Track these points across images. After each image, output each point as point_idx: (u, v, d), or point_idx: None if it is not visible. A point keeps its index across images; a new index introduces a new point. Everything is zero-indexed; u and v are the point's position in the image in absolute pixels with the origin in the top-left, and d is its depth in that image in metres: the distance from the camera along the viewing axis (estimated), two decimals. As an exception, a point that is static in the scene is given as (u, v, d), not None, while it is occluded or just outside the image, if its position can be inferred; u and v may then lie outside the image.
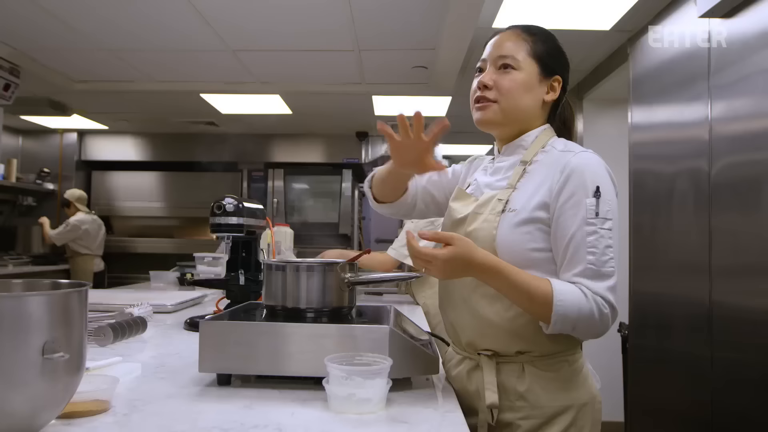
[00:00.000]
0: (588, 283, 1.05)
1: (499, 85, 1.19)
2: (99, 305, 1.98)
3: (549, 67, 1.22)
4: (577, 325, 1.04)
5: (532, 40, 1.21)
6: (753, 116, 1.93)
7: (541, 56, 1.20)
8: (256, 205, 2.01)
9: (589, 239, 1.06)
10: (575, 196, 1.09)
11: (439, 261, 1.04)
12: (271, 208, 6.00)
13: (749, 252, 1.93)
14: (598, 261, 1.05)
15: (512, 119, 1.21)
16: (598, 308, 1.03)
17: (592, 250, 1.05)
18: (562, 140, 1.22)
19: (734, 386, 1.99)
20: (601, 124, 3.74)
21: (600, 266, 1.05)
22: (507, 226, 1.13)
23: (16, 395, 0.73)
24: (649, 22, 2.74)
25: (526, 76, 1.19)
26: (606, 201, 1.08)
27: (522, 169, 1.19)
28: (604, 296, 1.04)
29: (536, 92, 1.21)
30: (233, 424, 0.89)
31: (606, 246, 1.06)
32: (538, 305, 1.05)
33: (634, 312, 2.86)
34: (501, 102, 1.19)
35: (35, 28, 3.15)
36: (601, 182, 1.09)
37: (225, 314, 1.23)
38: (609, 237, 1.07)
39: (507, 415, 1.12)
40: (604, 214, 1.07)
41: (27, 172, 5.76)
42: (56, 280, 0.89)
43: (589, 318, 1.03)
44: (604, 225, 1.07)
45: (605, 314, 1.04)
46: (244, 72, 3.86)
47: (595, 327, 1.05)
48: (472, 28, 2.79)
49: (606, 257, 1.05)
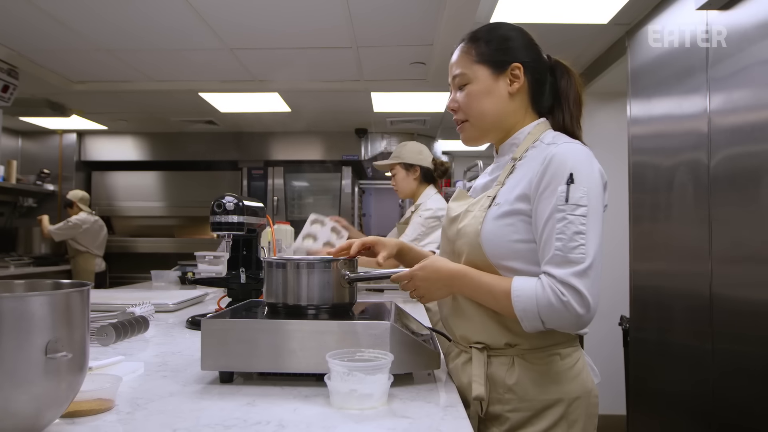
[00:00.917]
0: (553, 270, 1.04)
1: (461, 103, 1.23)
2: (101, 305, 1.99)
3: (498, 62, 1.21)
4: (543, 317, 1.04)
5: (475, 47, 1.22)
6: (752, 108, 1.93)
7: (486, 57, 1.21)
8: (256, 203, 2.02)
9: (557, 225, 1.05)
10: (551, 185, 1.09)
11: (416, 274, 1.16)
12: (271, 205, 6.01)
13: (749, 243, 1.93)
14: (565, 247, 1.04)
15: (488, 128, 1.24)
16: (556, 296, 1.02)
17: (560, 236, 1.05)
18: (552, 133, 1.21)
19: (735, 378, 2.00)
20: (600, 118, 3.74)
21: (566, 252, 1.04)
22: (490, 219, 1.14)
23: (20, 395, 0.73)
24: (646, 15, 2.74)
25: (478, 84, 1.21)
26: (579, 188, 1.07)
27: (511, 165, 1.20)
28: (565, 281, 1.02)
29: (496, 92, 1.21)
30: (236, 421, 0.90)
31: (575, 232, 1.04)
32: (503, 305, 1.08)
33: (634, 305, 2.86)
34: (469, 118, 1.23)
35: (33, 30, 3.15)
36: (577, 169, 1.08)
37: (226, 312, 1.23)
38: (581, 223, 1.05)
39: (496, 408, 1.14)
40: (575, 201, 1.06)
41: (27, 174, 5.77)
42: (58, 281, 0.90)
43: (549, 307, 1.02)
44: (576, 211, 1.05)
45: (566, 302, 1.01)
46: (242, 70, 3.86)
47: (563, 316, 1.03)
48: (471, 22, 2.79)
49: (574, 243, 1.04)
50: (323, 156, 6.08)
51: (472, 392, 1.13)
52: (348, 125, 5.80)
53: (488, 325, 1.15)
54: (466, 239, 1.17)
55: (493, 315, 1.14)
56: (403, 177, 2.93)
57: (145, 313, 1.76)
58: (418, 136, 6.04)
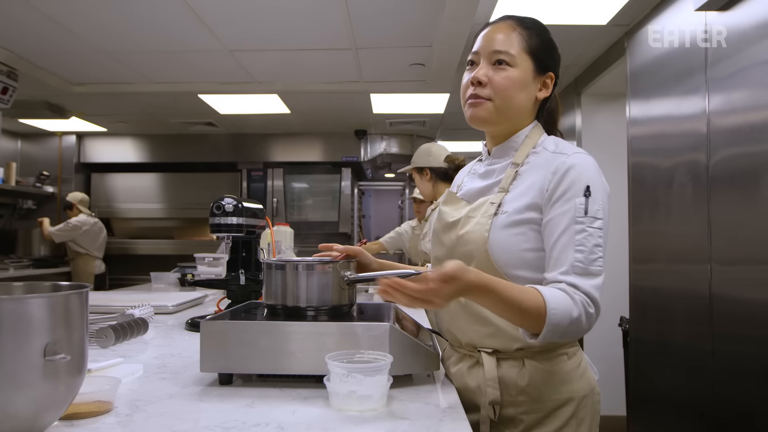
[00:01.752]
0: (575, 280, 1.03)
1: (494, 82, 1.15)
2: (100, 307, 1.99)
3: (543, 64, 1.19)
4: (567, 332, 1.02)
5: (527, 34, 1.18)
6: (750, 108, 1.93)
7: (536, 52, 1.18)
8: (255, 204, 2.02)
9: (577, 237, 1.05)
10: (566, 195, 1.08)
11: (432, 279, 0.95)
12: (270, 207, 6.01)
13: (749, 244, 1.93)
14: (586, 259, 1.04)
15: (506, 117, 1.19)
16: (585, 310, 1.02)
17: (580, 248, 1.04)
18: (553, 139, 1.21)
19: (735, 378, 2.00)
20: (600, 119, 3.74)
21: (588, 264, 1.04)
22: (499, 227, 1.12)
23: (19, 397, 0.73)
24: (645, 16, 2.74)
25: (521, 73, 1.16)
26: (596, 201, 1.07)
27: (514, 171, 1.18)
28: (590, 294, 1.03)
29: (530, 90, 1.18)
30: (235, 423, 0.90)
31: (595, 245, 1.05)
32: (531, 318, 1.01)
33: (634, 305, 2.86)
34: (495, 100, 1.16)
35: (32, 32, 3.15)
36: (592, 182, 1.08)
37: (226, 314, 1.23)
38: (598, 236, 1.06)
39: (509, 410, 1.13)
40: (593, 214, 1.06)
41: (26, 176, 5.77)
42: (57, 282, 0.89)
43: (578, 322, 1.01)
44: (594, 224, 1.06)
45: (590, 314, 1.02)
46: (241, 72, 3.86)
47: (581, 329, 1.03)
48: (469, 24, 2.79)
49: (594, 256, 1.05)
50: (323, 157, 6.08)
51: (487, 397, 1.11)
52: (347, 126, 5.80)
53: (501, 331, 1.13)
54: (471, 246, 1.14)
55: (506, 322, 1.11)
56: (419, 181, 2.95)
57: (144, 315, 1.76)
58: (417, 137, 6.04)
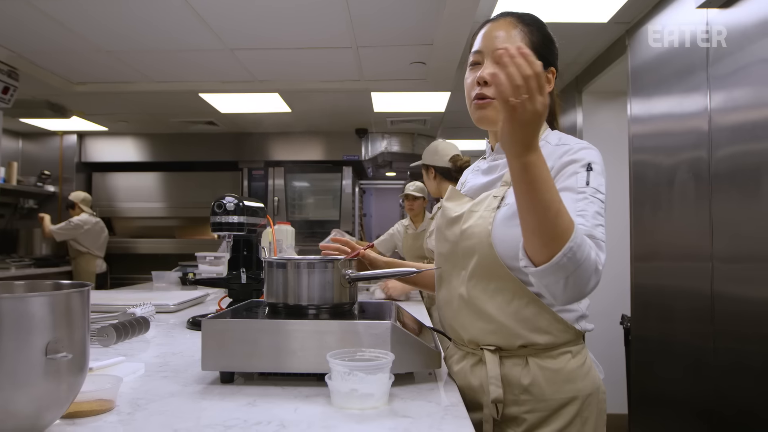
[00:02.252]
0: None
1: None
2: (102, 306, 1.99)
3: (545, 59, 1.18)
4: (579, 268, 0.92)
5: (528, 31, 1.18)
6: (752, 106, 1.93)
7: (538, 48, 1.18)
8: (256, 203, 2.02)
9: (578, 204, 1.02)
10: (567, 171, 1.08)
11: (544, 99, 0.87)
12: (271, 206, 6.01)
13: (751, 242, 1.93)
14: (589, 224, 1.00)
15: None
16: (596, 263, 0.95)
17: (582, 212, 1.01)
18: (556, 133, 1.21)
19: (737, 376, 2.00)
20: (601, 117, 3.74)
21: (591, 228, 1.00)
22: (502, 219, 1.12)
23: (20, 395, 0.73)
24: (646, 14, 2.74)
25: None
26: (598, 177, 1.06)
27: None
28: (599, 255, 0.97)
29: None
30: (236, 422, 0.90)
31: (596, 212, 1.02)
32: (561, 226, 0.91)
33: (635, 303, 2.86)
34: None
35: (33, 31, 3.15)
36: (595, 162, 1.08)
37: (227, 313, 1.23)
38: (601, 207, 1.03)
39: (512, 409, 1.12)
40: (596, 186, 1.05)
41: (27, 175, 5.78)
42: (58, 281, 0.89)
43: (589, 265, 0.93)
44: (596, 195, 1.04)
45: (598, 272, 0.95)
46: (242, 71, 3.86)
47: (586, 281, 0.94)
48: (470, 22, 2.79)
49: (596, 222, 1.01)
50: (323, 156, 6.08)
51: (490, 395, 1.10)
52: (348, 125, 5.80)
53: (503, 327, 1.13)
54: (475, 240, 1.14)
55: (510, 316, 1.11)
56: (426, 178, 3.00)
57: (145, 313, 1.76)
58: (418, 135, 6.04)
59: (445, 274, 1.24)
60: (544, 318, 1.11)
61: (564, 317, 1.12)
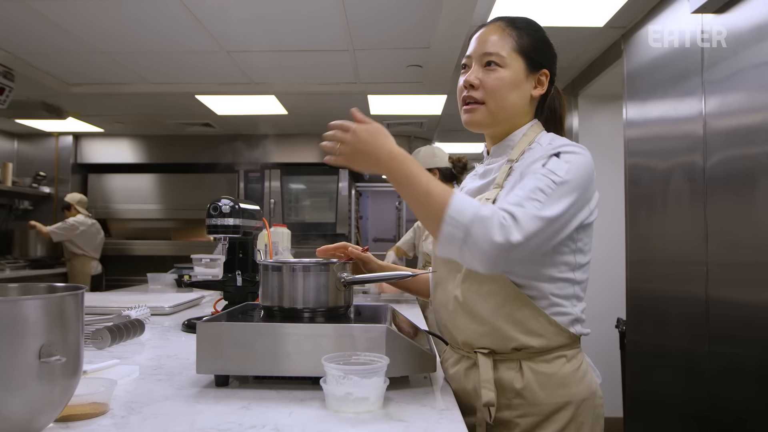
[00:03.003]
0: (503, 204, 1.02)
1: (486, 84, 1.17)
2: (96, 308, 1.98)
3: (535, 62, 1.20)
4: (473, 227, 0.98)
5: (517, 34, 1.19)
6: (746, 110, 1.94)
7: (527, 51, 1.19)
8: (252, 206, 2.01)
9: (525, 182, 1.06)
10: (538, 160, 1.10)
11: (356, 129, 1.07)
12: (268, 208, 6.00)
13: (745, 246, 1.94)
14: (522, 194, 1.03)
15: (500, 119, 1.20)
16: (498, 217, 0.99)
17: (522, 187, 1.05)
18: (550, 135, 1.21)
19: (731, 380, 2.00)
20: (596, 121, 3.75)
21: (521, 200, 1.02)
22: None
23: (13, 399, 0.73)
24: (642, 18, 2.75)
25: (512, 73, 1.17)
26: (561, 163, 1.07)
27: (509, 167, 1.18)
28: (510, 211, 1.00)
29: (523, 89, 1.19)
30: (231, 425, 0.90)
31: (536, 187, 1.04)
32: (434, 201, 1.01)
33: (630, 307, 2.86)
34: (488, 103, 1.18)
35: (29, 32, 3.15)
36: (567, 150, 1.09)
37: (222, 315, 1.23)
38: (547, 185, 1.04)
39: (504, 414, 1.12)
40: (552, 169, 1.06)
41: (23, 176, 5.75)
42: (52, 284, 0.89)
43: (485, 221, 0.98)
44: (549, 176, 1.05)
45: (505, 226, 0.98)
46: (238, 73, 3.86)
47: (490, 237, 0.97)
48: (466, 25, 2.80)
49: (532, 196, 1.03)
50: (320, 158, 6.06)
51: (482, 398, 1.09)
52: (345, 128, 5.79)
53: (496, 330, 1.13)
54: None
55: (503, 318, 1.11)
56: None
57: (140, 316, 1.76)
58: (414, 138, 6.04)
59: (441, 276, 1.25)
60: (538, 321, 1.11)
61: (558, 320, 1.12)
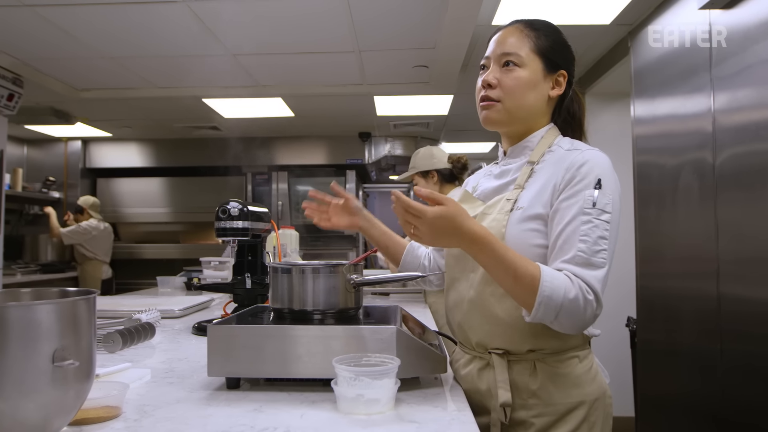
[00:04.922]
0: (576, 270, 1.02)
1: (503, 83, 1.18)
2: (107, 312, 1.99)
3: (553, 62, 1.21)
4: (561, 311, 1.00)
5: (535, 36, 1.20)
6: (756, 106, 1.93)
7: (545, 51, 1.20)
8: (260, 208, 2.02)
9: (582, 228, 1.05)
10: (576, 186, 1.09)
11: (428, 217, 1.01)
12: (275, 210, 6.02)
13: (756, 242, 1.92)
14: (589, 250, 1.03)
15: (517, 118, 1.21)
16: (583, 294, 1.00)
17: (584, 238, 1.04)
18: (568, 139, 1.22)
19: (743, 378, 1.99)
20: (604, 119, 3.73)
21: (590, 255, 1.03)
22: (514, 223, 1.13)
23: (28, 403, 0.73)
24: (649, 15, 2.74)
25: (529, 73, 1.18)
26: (606, 194, 1.07)
27: (530, 169, 1.19)
28: (589, 283, 1.01)
29: (541, 89, 1.20)
30: (243, 428, 0.90)
31: (599, 236, 1.04)
32: (524, 286, 1.01)
33: (641, 306, 2.85)
34: (505, 101, 1.19)
35: (37, 38, 3.17)
36: (605, 177, 1.09)
37: (232, 318, 1.23)
38: (605, 229, 1.05)
39: (520, 414, 1.12)
40: (602, 206, 1.06)
41: (32, 181, 5.79)
42: (64, 288, 0.90)
43: (574, 303, 1.00)
44: (601, 216, 1.05)
45: (589, 301, 1.01)
46: (245, 76, 3.87)
47: (579, 315, 1.01)
48: (472, 25, 2.79)
49: (598, 247, 1.04)
50: (327, 160, 6.09)
51: (498, 399, 1.10)
52: (351, 129, 5.81)
53: (512, 332, 1.13)
54: None
55: (519, 320, 1.11)
56: (424, 185, 2.93)
57: (151, 319, 1.77)
58: (421, 139, 6.04)
59: (454, 276, 1.24)
60: None
61: None
